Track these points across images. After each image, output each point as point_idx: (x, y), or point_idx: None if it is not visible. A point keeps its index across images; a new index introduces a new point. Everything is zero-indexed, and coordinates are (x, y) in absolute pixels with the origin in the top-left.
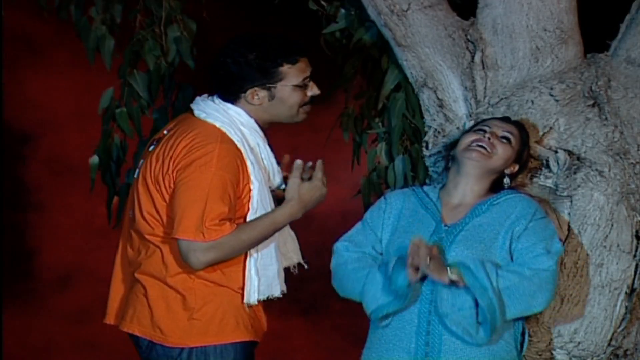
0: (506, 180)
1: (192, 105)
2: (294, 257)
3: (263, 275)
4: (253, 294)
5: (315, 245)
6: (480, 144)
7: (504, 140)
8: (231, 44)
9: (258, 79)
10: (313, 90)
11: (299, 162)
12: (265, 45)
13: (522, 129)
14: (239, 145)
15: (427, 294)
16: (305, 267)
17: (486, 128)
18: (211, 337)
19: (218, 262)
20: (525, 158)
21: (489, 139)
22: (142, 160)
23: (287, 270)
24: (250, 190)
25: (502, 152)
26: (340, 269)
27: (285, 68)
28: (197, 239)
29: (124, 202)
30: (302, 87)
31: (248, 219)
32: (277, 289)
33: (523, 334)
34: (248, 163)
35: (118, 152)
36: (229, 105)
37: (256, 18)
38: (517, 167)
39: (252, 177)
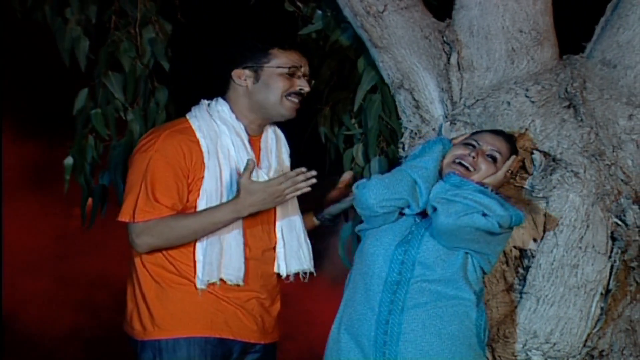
0: None
1: None
2: (305, 263)
3: (205, 262)
4: (198, 279)
5: None
6: (463, 162)
7: (490, 159)
8: (231, 27)
9: (248, 59)
10: (301, 83)
11: (250, 161)
12: (260, 26)
13: (513, 145)
14: (198, 134)
15: (391, 284)
16: (314, 274)
17: (475, 144)
18: (162, 331)
19: (156, 247)
20: (508, 175)
21: (473, 157)
22: None
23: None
24: (201, 178)
25: (484, 171)
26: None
27: (275, 50)
28: (130, 220)
29: (97, 203)
30: (289, 75)
31: (199, 205)
32: (214, 275)
33: (485, 324)
34: (204, 150)
35: (92, 154)
36: (220, 101)
37: (232, 19)
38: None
39: (205, 168)
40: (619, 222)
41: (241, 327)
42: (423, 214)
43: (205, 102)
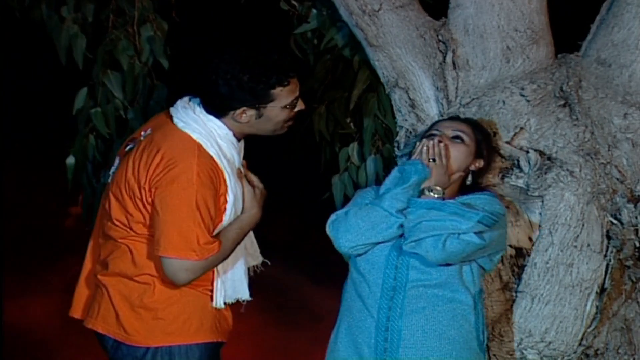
0: (469, 178)
1: (172, 111)
2: (259, 256)
3: (229, 279)
4: (219, 299)
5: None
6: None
7: (457, 140)
8: (222, 63)
9: (248, 101)
10: (299, 107)
11: (242, 168)
12: (259, 67)
13: (475, 125)
14: (216, 158)
15: (388, 290)
16: (269, 263)
17: (436, 132)
18: (176, 337)
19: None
20: (487, 152)
21: (440, 142)
22: (117, 160)
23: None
24: (225, 201)
25: (457, 153)
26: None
27: (278, 90)
28: (190, 257)
29: (99, 202)
30: (291, 107)
31: (217, 229)
32: (245, 292)
33: (483, 326)
34: (226, 175)
35: (94, 153)
36: (210, 117)
37: (227, 18)
38: (481, 162)
39: (229, 190)
40: (614, 221)
41: (227, 328)
42: None
43: (191, 113)
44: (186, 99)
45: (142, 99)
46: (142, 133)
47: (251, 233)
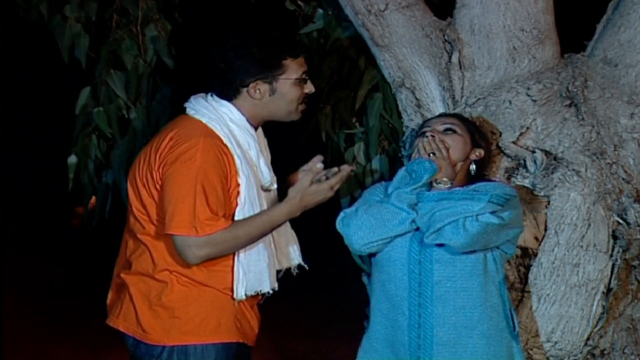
0: (472, 166)
1: (185, 104)
2: (296, 258)
3: (251, 270)
4: (241, 289)
5: None
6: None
7: (449, 132)
8: (232, 38)
9: (261, 72)
10: (309, 87)
11: (319, 166)
12: (269, 39)
13: (463, 118)
14: (225, 140)
15: (415, 285)
16: (306, 268)
17: (427, 129)
18: (191, 337)
19: (214, 257)
20: (483, 141)
21: (433, 137)
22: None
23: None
24: (238, 185)
25: (452, 143)
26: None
27: (288, 61)
28: (191, 233)
29: (101, 201)
30: (302, 81)
31: (236, 214)
32: (266, 284)
33: (512, 311)
34: (235, 158)
35: (96, 152)
36: (222, 102)
37: (232, 18)
38: (481, 152)
39: (239, 172)
40: (621, 221)
41: (250, 330)
42: None
43: (203, 101)
44: (201, 94)
45: (145, 98)
46: None
47: (290, 233)
